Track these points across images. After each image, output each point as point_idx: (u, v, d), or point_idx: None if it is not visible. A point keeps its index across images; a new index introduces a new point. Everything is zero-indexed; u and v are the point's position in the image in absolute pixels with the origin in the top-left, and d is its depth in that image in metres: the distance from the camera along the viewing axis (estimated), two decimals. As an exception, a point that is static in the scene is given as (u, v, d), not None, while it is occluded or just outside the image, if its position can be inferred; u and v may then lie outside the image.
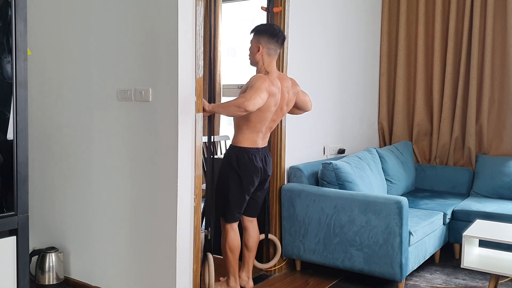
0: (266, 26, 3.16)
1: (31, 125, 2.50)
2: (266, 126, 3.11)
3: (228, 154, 3.13)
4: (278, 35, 3.07)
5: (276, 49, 3.09)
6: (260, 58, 3.07)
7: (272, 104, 3.02)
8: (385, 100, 5.06)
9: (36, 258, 3.19)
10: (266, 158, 3.18)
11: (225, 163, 3.13)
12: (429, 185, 4.76)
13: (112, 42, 2.97)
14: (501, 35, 4.55)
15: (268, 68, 3.07)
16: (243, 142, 3.09)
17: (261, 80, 2.95)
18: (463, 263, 3.03)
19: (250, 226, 3.28)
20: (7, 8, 1.94)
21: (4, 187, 1.99)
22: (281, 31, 3.11)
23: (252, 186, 3.13)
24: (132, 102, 2.90)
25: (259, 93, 2.88)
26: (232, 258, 3.17)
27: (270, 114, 3.07)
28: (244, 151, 3.08)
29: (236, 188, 3.09)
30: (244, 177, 3.07)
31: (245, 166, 3.06)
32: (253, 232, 3.28)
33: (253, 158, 3.08)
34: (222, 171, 3.13)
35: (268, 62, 3.08)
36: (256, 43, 3.08)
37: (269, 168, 3.20)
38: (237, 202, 3.12)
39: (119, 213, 3.02)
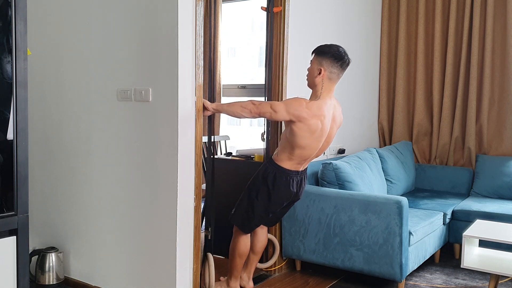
0: (331, 47, 2.89)
1: (31, 125, 2.49)
2: (314, 154, 2.97)
3: (266, 169, 2.97)
4: (344, 59, 2.85)
5: (339, 74, 2.87)
6: (320, 81, 2.85)
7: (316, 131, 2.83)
8: (385, 100, 5.06)
9: (36, 258, 3.19)
10: (302, 182, 3.05)
11: (260, 175, 2.99)
12: (429, 185, 4.76)
13: (112, 42, 2.97)
14: (501, 35, 4.56)
15: (324, 93, 2.85)
16: (286, 163, 2.93)
17: (294, 100, 2.81)
18: (463, 263, 3.03)
19: (260, 232, 3.22)
20: (7, 8, 1.94)
21: (4, 187, 1.99)
22: (346, 55, 2.88)
23: (280, 207, 3.06)
24: (132, 102, 2.90)
25: (272, 104, 2.78)
26: (239, 263, 3.14)
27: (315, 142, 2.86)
28: (284, 172, 2.92)
29: (263, 205, 2.99)
30: (274, 198, 2.97)
31: (279, 188, 2.94)
32: (262, 237, 3.24)
33: (290, 181, 2.95)
34: (255, 182, 3.00)
35: (327, 86, 2.86)
36: (317, 65, 2.86)
37: (301, 192, 3.08)
38: (260, 218, 3.06)
39: (119, 213, 3.02)
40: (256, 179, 3.01)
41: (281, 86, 3.55)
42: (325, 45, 2.94)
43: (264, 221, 3.14)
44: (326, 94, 2.87)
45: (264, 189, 2.96)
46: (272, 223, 3.30)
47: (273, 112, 2.80)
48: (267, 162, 3.04)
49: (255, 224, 3.09)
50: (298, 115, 2.78)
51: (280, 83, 3.55)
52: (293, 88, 3.61)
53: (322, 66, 2.85)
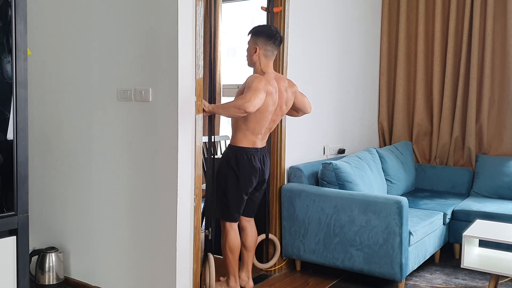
0: (263, 27, 3.16)
1: (31, 125, 2.50)
2: (265, 127, 3.11)
3: (227, 154, 3.13)
4: (275, 37, 3.07)
5: (273, 51, 3.09)
6: (257, 59, 3.08)
7: (270, 103, 3.02)
8: (385, 100, 5.06)
9: (36, 258, 3.19)
10: (265, 158, 3.18)
11: (223, 162, 3.13)
12: (429, 185, 4.76)
13: (112, 42, 2.97)
14: (501, 35, 4.56)
15: (265, 69, 3.08)
16: (242, 142, 3.09)
17: (257, 80, 2.95)
18: (463, 263, 3.03)
19: (248, 226, 3.29)
20: (7, 8, 1.94)
21: (4, 187, 1.99)
22: (278, 33, 3.11)
23: (250, 186, 3.13)
24: (132, 102, 2.90)
25: (257, 94, 2.88)
26: (232, 258, 3.17)
27: (269, 114, 3.07)
28: (243, 151, 3.08)
29: (234, 188, 3.09)
30: (242, 177, 3.08)
31: (243, 166, 3.07)
32: (251, 232, 3.29)
33: (251, 158, 3.08)
34: (221, 170, 3.13)
35: (265, 63, 3.08)
36: (253, 44, 3.08)
37: (267, 169, 3.21)
38: (236, 202, 3.12)
39: (119, 213, 3.02)
40: (220, 167, 3.14)
41: (281, 86, 3.54)
42: (258, 25, 3.18)
43: (241, 206, 3.16)
44: (266, 69, 3.08)
45: (230, 172, 3.08)
46: (252, 210, 3.30)
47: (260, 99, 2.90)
48: (226, 149, 3.18)
49: (234, 210, 3.13)
50: (267, 89, 2.98)
51: (280, 83, 3.54)
52: (293, 88, 3.60)
53: (257, 45, 3.07)
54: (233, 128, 3.16)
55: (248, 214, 3.27)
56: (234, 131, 3.15)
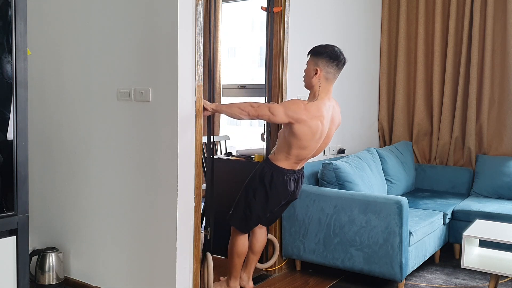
0: (326, 47, 2.90)
1: (31, 125, 2.49)
2: (310, 155, 2.98)
3: (263, 169, 2.97)
4: (339, 58, 2.86)
5: (335, 74, 2.87)
6: (316, 82, 2.85)
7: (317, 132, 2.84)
8: (385, 100, 5.06)
9: (36, 258, 3.19)
10: (299, 181, 3.05)
11: (257, 175, 2.99)
12: (429, 185, 4.76)
13: (112, 42, 2.97)
14: (501, 35, 4.56)
15: (322, 94, 2.85)
16: (282, 163, 2.93)
17: (292, 102, 2.81)
18: (463, 263, 3.03)
19: (258, 231, 3.23)
20: (7, 8, 1.94)
21: (4, 187, 1.99)
22: (342, 54, 2.88)
23: (277, 206, 3.06)
24: (132, 102, 2.90)
25: (271, 106, 2.78)
26: (238, 262, 3.14)
27: (314, 143, 2.89)
28: (281, 172, 2.93)
29: (260, 205, 2.99)
30: (272, 197, 2.97)
31: (276, 188, 2.94)
32: (260, 237, 3.25)
33: (287, 181, 2.95)
34: (252, 182, 3.01)
35: (324, 87, 2.86)
36: (313, 66, 2.86)
37: (298, 190, 3.09)
38: (257, 218, 3.05)
39: (119, 213, 3.02)
40: (253, 179, 3.01)
41: (281, 86, 3.55)
42: (320, 45, 2.94)
43: (262, 221, 3.14)
44: (324, 94, 2.87)
45: (262, 189, 2.96)
46: (270, 222, 3.31)
47: (271, 115, 2.80)
48: (264, 162, 3.04)
49: (253, 224, 3.09)
50: (297, 117, 2.78)
51: (280, 83, 3.55)
52: (293, 88, 3.61)
53: (318, 66, 2.85)
54: (277, 145, 3.00)
55: (264, 224, 3.24)
56: (277, 147, 2.99)
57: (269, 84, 3.55)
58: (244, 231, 3.10)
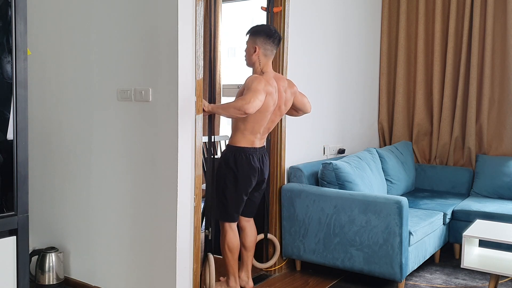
0: (262, 27, 3.15)
1: (31, 125, 2.50)
2: (264, 127, 3.11)
3: (225, 154, 3.13)
4: (274, 36, 3.07)
5: (273, 50, 3.09)
6: (256, 59, 3.07)
7: (270, 104, 3.02)
8: (385, 100, 5.06)
9: (36, 258, 3.19)
10: (264, 158, 3.18)
11: (222, 162, 3.12)
12: (429, 185, 4.76)
13: (112, 42, 2.97)
14: (501, 35, 4.56)
15: (264, 69, 3.08)
16: (241, 142, 3.08)
17: (257, 81, 2.95)
18: (463, 263, 3.03)
19: (247, 226, 3.29)
20: (7, 8, 1.94)
21: (4, 187, 1.99)
22: (277, 32, 3.10)
23: (250, 186, 3.13)
24: (132, 102, 2.90)
25: (257, 95, 2.88)
26: (232, 258, 3.17)
27: (269, 114, 3.07)
28: (242, 151, 3.08)
29: (233, 188, 3.09)
30: (241, 177, 3.07)
31: (242, 166, 3.06)
32: (250, 232, 3.29)
33: (250, 158, 3.08)
34: (220, 171, 3.13)
35: (264, 62, 3.08)
36: (252, 44, 3.08)
37: (266, 168, 3.21)
38: (235, 202, 3.12)
39: (119, 213, 3.02)
40: (219, 168, 3.13)
41: (281, 86, 3.54)
42: (257, 25, 3.17)
43: (240, 206, 3.16)
44: (266, 68, 3.08)
45: (229, 172, 3.08)
46: (251, 210, 3.29)
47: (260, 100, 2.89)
48: (225, 149, 3.18)
49: (233, 210, 3.13)
50: (268, 89, 2.97)
51: (280, 83, 3.54)
52: (293, 88, 3.60)
53: (256, 44, 3.06)
54: (232, 128, 3.16)
55: (248, 214, 3.27)
56: (233, 131, 3.15)
57: (269, 84, 3.54)
58: (228, 219, 3.14)
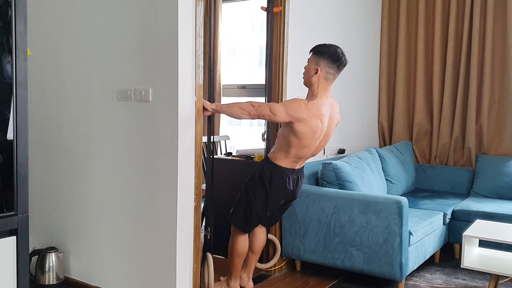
0: (329, 47, 2.90)
1: (31, 125, 2.50)
2: (310, 153, 2.98)
3: (263, 167, 2.98)
4: (341, 60, 2.86)
5: (335, 75, 2.89)
6: (316, 81, 2.86)
7: (317, 130, 2.85)
8: (385, 100, 5.06)
9: (36, 258, 3.19)
10: (299, 180, 3.06)
11: (257, 175, 3.00)
12: (429, 185, 4.76)
13: (112, 42, 2.97)
14: (501, 35, 4.56)
15: (321, 93, 2.87)
16: (282, 162, 2.94)
17: (293, 101, 2.82)
18: (463, 263, 3.03)
19: (258, 231, 3.24)
20: (7, 8, 1.94)
21: (4, 187, 1.99)
22: (344, 56, 2.88)
23: (278, 205, 3.06)
24: (132, 102, 2.90)
25: (271, 107, 2.78)
26: (238, 262, 3.15)
27: (315, 142, 2.90)
28: (279, 170, 2.94)
29: (260, 204, 3.00)
30: (272, 196, 2.97)
31: (276, 186, 2.95)
32: (260, 237, 3.25)
33: (286, 179, 2.96)
34: (252, 181, 3.02)
35: (323, 86, 2.87)
36: (314, 65, 2.87)
37: (298, 190, 3.10)
38: (258, 217, 3.06)
39: (119, 213, 3.02)
40: (253, 179, 3.02)
41: (281, 86, 3.55)
42: (323, 44, 2.95)
43: (262, 221, 3.15)
44: (322, 93, 2.88)
45: (261, 188, 2.97)
46: (271, 223, 3.31)
47: (272, 114, 2.80)
48: (263, 161, 3.04)
49: (254, 223, 3.09)
50: (298, 116, 2.79)
51: (280, 83, 3.55)
52: (293, 88, 3.61)
53: (319, 65, 2.86)
54: (277, 144, 3.00)
55: (264, 224, 3.25)
56: (277, 146, 3.00)
57: (269, 84, 3.55)
58: (244, 231, 3.10)
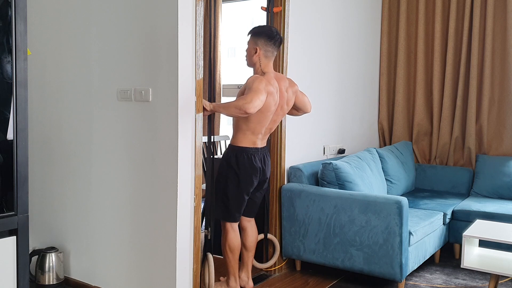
0: (264, 28, 3.15)
1: (31, 125, 2.50)
2: (266, 127, 3.11)
3: (227, 154, 3.13)
4: (276, 37, 3.07)
5: (273, 51, 3.10)
6: (257, 59, 3.08)
7: (272, 104, 3.02)
8: (385, 100, 5.06)
9: (36, 258, 3.19)
10: (265, 158, 3.18)
11: (224, 162, 3.13)
12: (429, 185, 4.76)
13: (112, 42, 2.97)
14: (501, 35, 4.56)
15: (265, 69, 3.08)
16: (243, 142, 3.09)
17: (258, 81, 2.95)
18: (463, 263, 3.03)
19: (248, 226, 3.29)
20: (7, 8, 1.94)
21: (4, 187, 1.99)
22: (278, 33, 3.10)
23: (251, 186, 3.13)
24: (132, 102, 2.90)
25: (258, 95, 2.89)
26: (232, 258, 3.17)
27: (270, 114, 3.07)
28: (244, 151, 3.08)
29: (235, 188, 3.09)
30: (243, 177, 3.08)
31: (244, 166, 3.07)
32: (251, 232, 3.29)
33: (252, 158, 3.08)
34: (221, 171, 3.13)
35: (265, 63, 3.08)
36: (253, 45, 3.08)
37: (267, 168, 3.20)
38: (236, 202, 3.12)
39: (119, 213, 3.02)
40: (221, 168, 3.14)
41: (281, 86, 3.54)
42: (258, 26, 3.17)
43: (242, 206, 3.16)
44: (266, 69, 3.08)
45: (231, 172, 3.08)
46: (252, 210, 3.29)
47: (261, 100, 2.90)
48: (226, 149, 3.18)
49: (235, 210, 3.13)
50: (268, 89, 2.97)
51: (280, 83, 3.54)
52: (293, 88, 3.60)
53: (257, 45, 3.07)
54: (234, 128, 3.16)
55: (249, 214, 3.27)
56: (234, 131, 3.15)
57: (269, 84, 3.54)
58: (229, 219, 3.14)
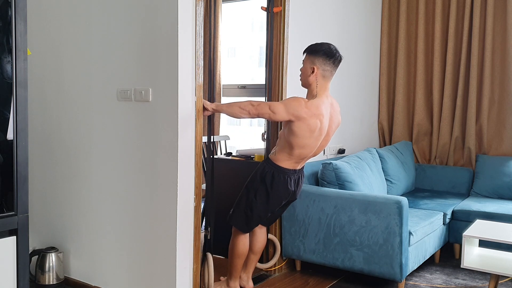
0: (322, 45, 2.90)
1: (31, 125, 2.50)
2: (312, 153, 2.98)
3: (264, 169, 2.98)
4: (335, 56, 2.87)
5: (332, 71, 2.88)
6: (314, 80, 2.86)
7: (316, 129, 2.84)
8: (385, 100, 5.07)
9: (36, 258, 3.19)
10: (300, 180, 3.06)
11: (258, 175, 2.99)
12: (429, 185, 4.76)
13: (112, 42, 2.97)
14: (501, 35, 4.56)
15: (320, 92, 2.86)
16: (284, 163, 2.94)
17: (293, 99, 2.81)
18: (463, 263, 3.03)
19: (259, 231, 3.23)
20: (7, 8, 1.94)
21: (4, 187, 1.99)
22: (338, 51, 2.89)
23: (278, 206, 3.06)
24: (132, 102, 2.90)
25: (273, 105, 2.78)
26: (239, 263, 3.14)
27: (313, 141, 2.88)
28: (281, 171, 2.94)
29: (262, 205, 2.99)
30: (273, 197, 2.97)
31: (277, 187, 2.94)
32: (261, 237, 3.25)
33: (288, 180, 2.95)
34: (253, 182, 3.01)
35: (321, 84, 2.86)
36: (310, 64, 2.87)
37: (299, 190, 3.09)
38: (258, 218, 3.05)
39: (119, 213, 3.02)
40: (254, 179, 3.01)
41: (281, 86, 3.55)
42: (316, 43, 2.95)
43: (262, 221, 3.15)
44: (322, 92, 2.88)
45: (263, 188, 2.96)
46: (270, 222, 3.31)
47: (271, 113, 2.80)
48: (264, 162, 3.04)
49: (254, 224, 3.09)
50: (298, 115, 2.79)
51: (280, 83, 3.55)
52: (293, 88, 3.61)
53: (315, 64, 2.86)
54: (278, 145, 3.00)
55: (265, 224, 3.24)
56: (278, 148, 2.99)
57: (269, 84, 3.55)
58: (245, 231, 3.10)
